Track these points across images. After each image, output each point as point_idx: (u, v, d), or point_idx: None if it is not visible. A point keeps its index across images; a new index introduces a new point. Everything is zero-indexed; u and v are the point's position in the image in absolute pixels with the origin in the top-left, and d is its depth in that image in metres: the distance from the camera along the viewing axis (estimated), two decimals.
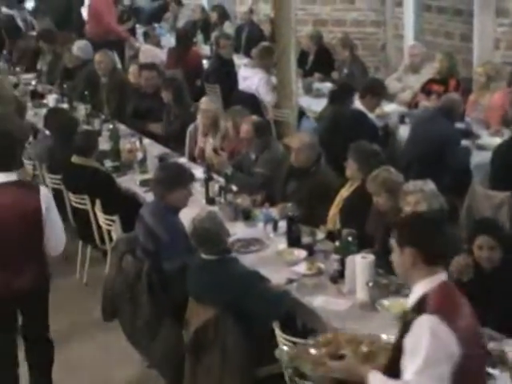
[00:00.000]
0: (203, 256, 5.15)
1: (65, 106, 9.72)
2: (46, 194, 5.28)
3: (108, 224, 6.83)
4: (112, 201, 6.96)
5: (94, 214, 7.07)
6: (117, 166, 7.82)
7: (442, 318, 3.45)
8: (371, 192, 5.80)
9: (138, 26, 14.08)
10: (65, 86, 10.32)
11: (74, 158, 7.28)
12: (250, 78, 10.07)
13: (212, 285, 5.05)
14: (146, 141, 8.45)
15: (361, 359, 3.81)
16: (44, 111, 9.15)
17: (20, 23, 13.57)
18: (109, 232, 6.85)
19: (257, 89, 9.94)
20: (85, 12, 13.49)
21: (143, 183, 7.34)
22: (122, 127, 8.95)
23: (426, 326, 3.45)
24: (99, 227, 7.07)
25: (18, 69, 11.71)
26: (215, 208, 6.44)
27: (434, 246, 3.63)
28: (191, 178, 5.97)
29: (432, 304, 3.55)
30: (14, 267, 5.18)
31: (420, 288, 3.62)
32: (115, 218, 6.65)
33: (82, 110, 9.57)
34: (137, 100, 9.42)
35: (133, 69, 10.01)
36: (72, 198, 7.31)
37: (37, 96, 10.44)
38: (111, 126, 8.48)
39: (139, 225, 5.81)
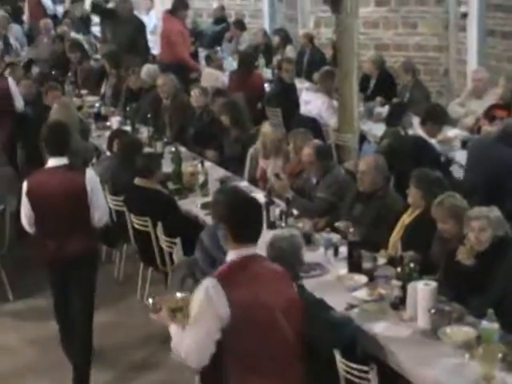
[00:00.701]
0: None
1: (127, 128, 9.83)
2: (91, 177, 6.21)
3: (169, 246, 6.88)
4: (173, 223, 7.01)
5: (156, 236, 7.12)
6: (179, 188, 7.86)
7: (220, 282, 4.01)
8: (436, 218, 5.74)
9: (200, 49, 14.19)
10: (128, 108, 10.45)
11: (137, 180, 7.35)
12: (312, 101, 10.09)
13: None
14: (208, 164, 8.50)
15: (172, 315, 4.31)
16: (107, 133, 9.29)
17: (86, 47, 13.77)
18: (170, 254, 6.89)
19: (319, 113, 9.95)
20: (150, 37, 13.60)
21: (204, 206, 7.37)
22: (184, 150, 9.01)
23: (204, 286, 4.05)
24: (160, 249, 7.13)
25: (82, 91, 11.89)
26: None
27: (238, 227, 4.15)
28: None
29: (219, 270, 4.20)
30: (63, 237, 6.12)
31: (228, 257, 4.21)
32: (177, 240, 6.70)
33: (144, 132, 9.68)
34: (200, 124, 9.50)
35: (194, 92, 10.06)
36: (134, 220, 7.37)
37: (100, 118, 10.60)
38: (173, 149, 8.54)
39: (199, 248, 5.83)
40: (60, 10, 17.65)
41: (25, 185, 6.21)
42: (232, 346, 4.07)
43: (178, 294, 4.42)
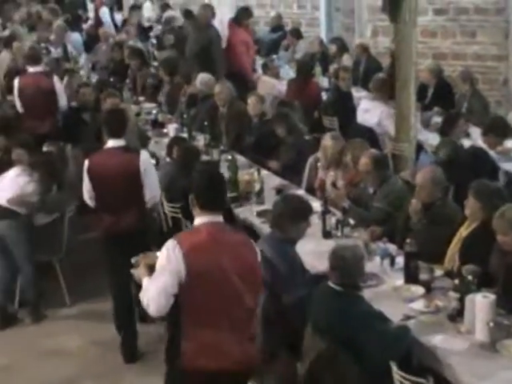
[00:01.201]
0: (330, 284, 5.16)
1: (184, 135, 9.87)
2: (145, 158, 6.81)
3: None
4: None
5: None
6: (235, 196, 7.87)
7: (179, 243, 4.54)
8: (497, 230, 5.62)
9: (257, 57, 14.22)
10: (185, 116, 10.50)
11: None
12: (371, 110, 10.02)
13: (332, 316, 5.04)
14: (264, 172, 8.50)
15: (149, 271, 4.76)
16: (164, 140, 9.34)
17: (145, 54, 13.87)
18: None
19: (379, 121, 9.89)
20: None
21: (260, 214, 7.38)
22: (240, 158, 9.03)
23: (166, 245, 4.59)
24: None
25: (140, 98, 11.98)
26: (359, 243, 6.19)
27: (202, 196, 4.67)
28: (311, 210, 6.03)
29: (181, 233, 4.98)
30: (119, 212, 6.75)
31: (195, 223, 4.74)
32: None
33: (201, 140, 9.71)
34: (259, 133, 9.53)
35: (251, 100, 10.07)
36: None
37: (157, 125, 10.67)
38: (230, 157, 8.56)
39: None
40: (119, 17, 17.86)
41: (86, 163, 6.80)
42: (187, 301, 4.53)
43: (158, 253, 4.75)
